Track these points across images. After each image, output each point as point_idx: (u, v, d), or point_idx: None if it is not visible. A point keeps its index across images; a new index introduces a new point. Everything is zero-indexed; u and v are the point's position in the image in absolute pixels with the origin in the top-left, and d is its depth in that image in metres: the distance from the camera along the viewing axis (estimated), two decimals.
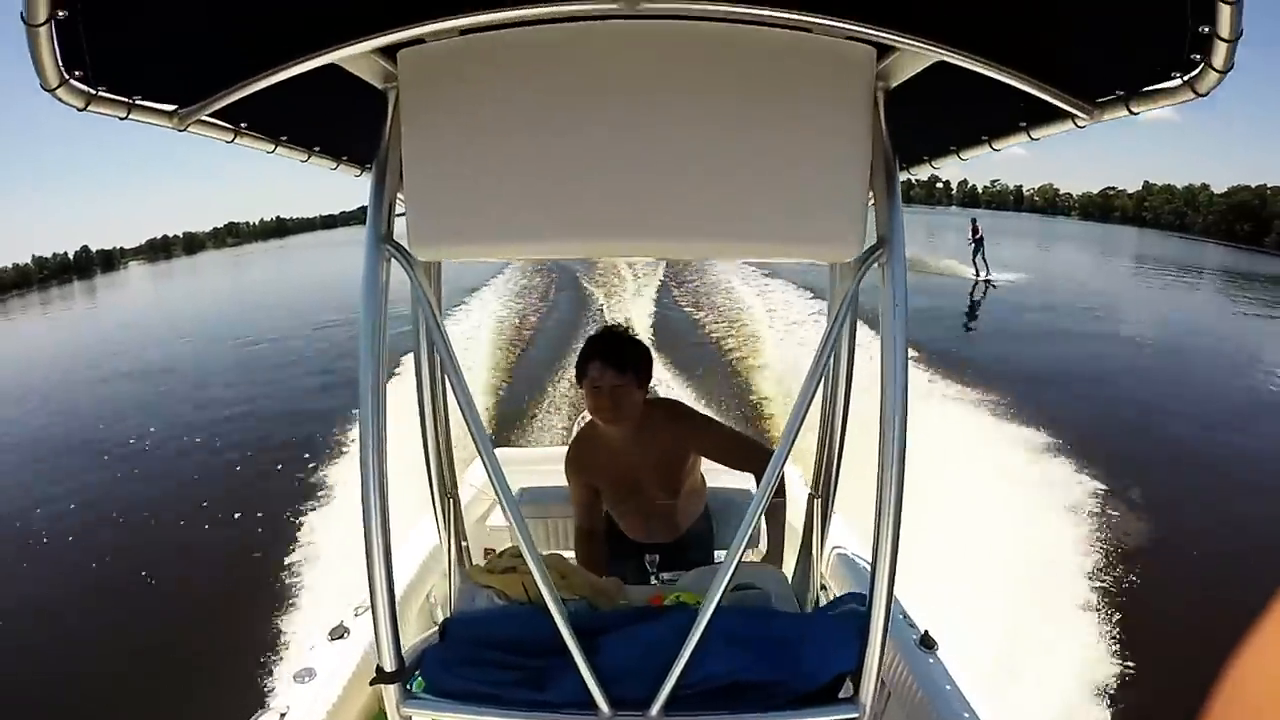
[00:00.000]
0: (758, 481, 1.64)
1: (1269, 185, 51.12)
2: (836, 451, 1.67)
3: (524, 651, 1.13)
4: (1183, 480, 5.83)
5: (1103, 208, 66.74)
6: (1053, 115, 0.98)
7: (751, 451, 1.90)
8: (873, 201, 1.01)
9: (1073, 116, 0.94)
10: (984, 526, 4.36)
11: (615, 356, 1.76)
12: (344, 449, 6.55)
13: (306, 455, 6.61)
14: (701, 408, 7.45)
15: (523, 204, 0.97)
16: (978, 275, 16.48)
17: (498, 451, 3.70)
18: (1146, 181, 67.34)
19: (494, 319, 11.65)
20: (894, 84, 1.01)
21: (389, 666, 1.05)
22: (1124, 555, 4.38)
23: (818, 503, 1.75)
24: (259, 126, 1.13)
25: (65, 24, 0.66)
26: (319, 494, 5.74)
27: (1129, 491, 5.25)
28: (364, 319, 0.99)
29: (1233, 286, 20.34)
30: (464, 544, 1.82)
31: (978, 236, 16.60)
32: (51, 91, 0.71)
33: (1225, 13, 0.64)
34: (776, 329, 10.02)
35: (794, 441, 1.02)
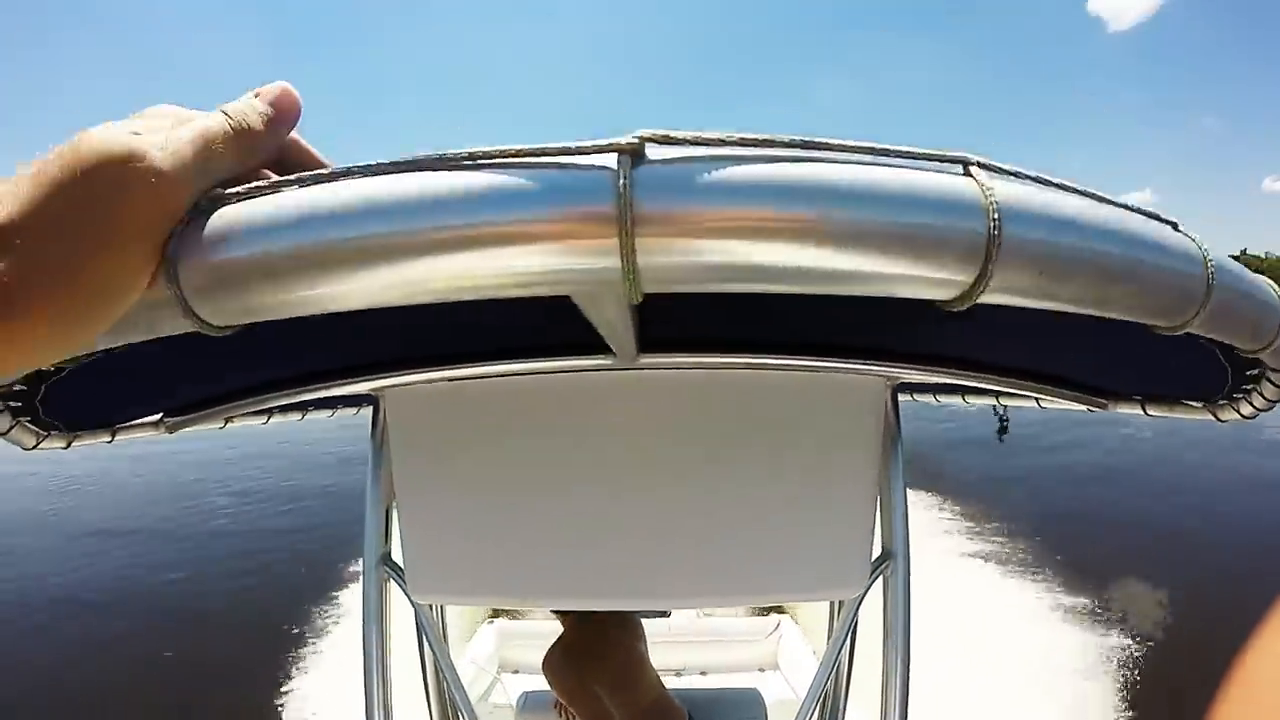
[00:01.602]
0: None
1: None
2: None
3: None
4: None
5: None
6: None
7: None
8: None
9: (1086, 406, 0.95)
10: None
11: None
12: None
13: None
14: None
15: (519, 558, 0.93)
16: None
17: (501, 623, 3.49)
18: None
19: None
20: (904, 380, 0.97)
21: None
22: None
23: None
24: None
25: (26, 424, 0.62)
26: None
27: None
28: (365, 646, 0.94)
29: None
30: None
31: None
32: (31, 449, 0.69)
33: (1259, 399, 0.62)
34: None
35: None
